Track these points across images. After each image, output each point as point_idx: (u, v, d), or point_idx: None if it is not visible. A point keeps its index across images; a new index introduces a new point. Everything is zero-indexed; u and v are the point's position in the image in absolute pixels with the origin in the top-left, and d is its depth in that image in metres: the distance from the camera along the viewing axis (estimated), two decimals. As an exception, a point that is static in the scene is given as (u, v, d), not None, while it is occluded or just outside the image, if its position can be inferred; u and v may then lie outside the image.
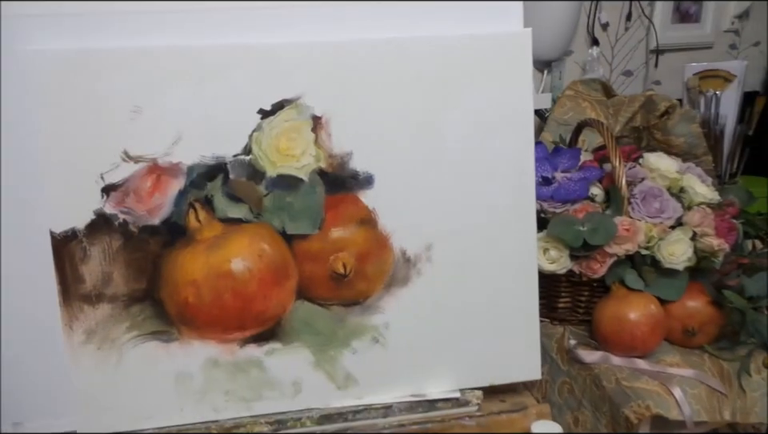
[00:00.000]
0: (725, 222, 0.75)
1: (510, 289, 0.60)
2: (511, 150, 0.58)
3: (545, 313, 0.82)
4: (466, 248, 0.58)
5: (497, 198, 0.58)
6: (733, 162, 1.01)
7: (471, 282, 0.59)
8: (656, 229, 0.74)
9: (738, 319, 0.72)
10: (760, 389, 0.74)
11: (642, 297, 0.73)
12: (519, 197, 0.58)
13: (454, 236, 0.58)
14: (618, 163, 0.74)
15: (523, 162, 0.58)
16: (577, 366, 0.76)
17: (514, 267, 0.59)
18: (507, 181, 0.58)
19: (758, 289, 0.72)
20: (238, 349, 0.57)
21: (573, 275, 0.75)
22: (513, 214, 0.59)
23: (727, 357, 0.74)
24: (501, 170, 0.58)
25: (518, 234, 0.59)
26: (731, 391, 0.73)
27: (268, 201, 0.56)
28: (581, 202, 0.75)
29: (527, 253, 0.60)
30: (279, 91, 0.55)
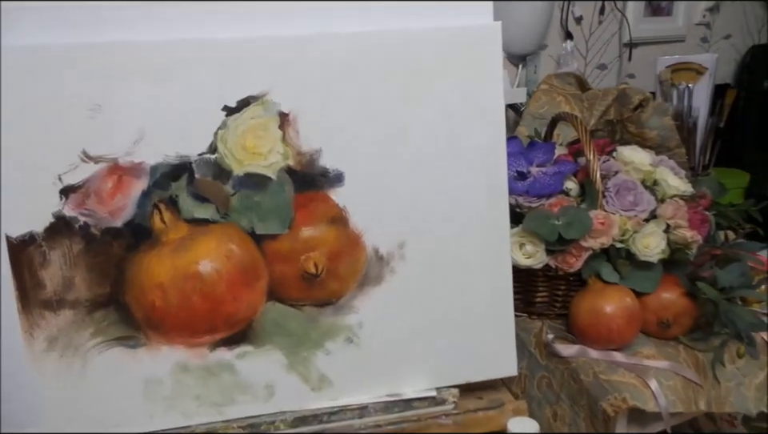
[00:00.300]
0: (697, 214, 0.76)
1: (484, 285, 0.59)
2: (483, 145, 0.57)
3: (522, 308, 0.83)
4: (439, 245, 0.58)
5: (469, 194, 0.57)
6: (705, 154, 1.01)
7: (445, 279, 0.58)
8: (630, 222, 0.74)
9: (712, 310, 0.72)
10: (734, 379, 0.74)
11: (618, 290, 0.74)
12: (491, 192, 0.58)
13: (426, 233, 0.57)
14: (593, 157, 0.74)
15: (495, 157, 0.57)
16: (555, 360, 0.77)
17: (487, 262, 0.59)
18: (479, 176, 0.57)
19: (730, 280, 0.72)
20: (208, 353, 0.55)
21: (549, 269, 0.75)
22: (485, 210, 0.58)
23: (702, 348, 0.75)
24: (472, 166, 0.57)
25: (491, 229, 0.58)
26: (706, 382, 0.73)
27: (235, 200, 0.54)
28: (556, 197, 0.75)
29: (501, 248, 0.59)
30: (244, 88, 0.53)
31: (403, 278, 0.57)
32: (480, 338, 0.60)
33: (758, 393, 0.75)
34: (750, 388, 0.75)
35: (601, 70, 1.17)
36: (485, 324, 0.60)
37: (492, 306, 0.60)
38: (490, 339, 0.60)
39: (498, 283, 0.59)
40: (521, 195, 0.76)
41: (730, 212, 0.81)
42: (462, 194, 0.57)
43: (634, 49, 1.17)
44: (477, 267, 0.59)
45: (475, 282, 0.59)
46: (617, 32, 1.17)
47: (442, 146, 0.56)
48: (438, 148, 0.56)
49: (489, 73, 0.57)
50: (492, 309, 0.60)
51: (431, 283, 0.58)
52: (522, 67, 1.07)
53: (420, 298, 0.58)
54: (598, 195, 0.74)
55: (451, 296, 0.58)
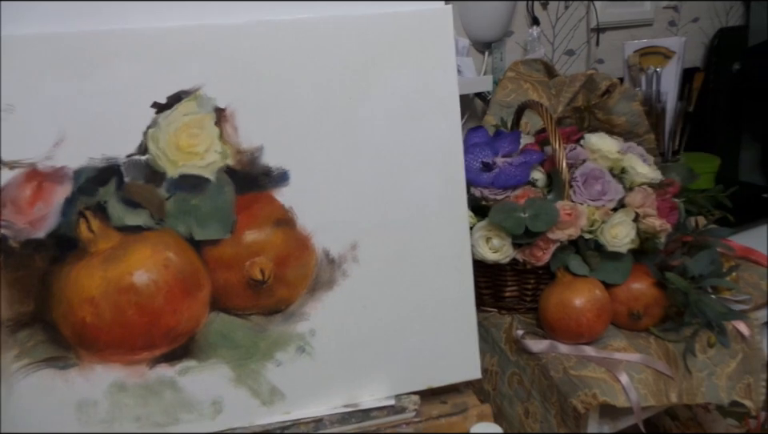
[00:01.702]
0: (666, 201, 0.73)
1: (444, 285, 0.55)
2: (438, 137, 0.53)
3: (492, 303, 0.80)
4: (394, 245, 0.54)
5: (424, 189, 0.53)
6: (675, 139, 0.99)
7: (402, 280, 0.54)
8: (598, 212, 0.71)
9: (682, 299, 0.70)
10: (706, 369, 0.72)
11: (587, 282, 0.71)
12: (448, 186, 0.54)
13: (380, 232, 0.53)
14: (558, 146, 0.71)
15: (451, 149, 0.54)
16: (525, 356, 0.74)
17: (447, 261, 0.55)
18: (435, 170, 0.53)
19: (700, 268, 0.70)
20: (147, 370, 0.51)
21: (517, 263, 0.72)
22: (443, 205, 0.54)
23: (672, 338, 0.72)
24: (427, 159, 0.53)
25: (449, 226, 0.55)
26: (677, 373, 0.71)
27: (171, 205, 0.49)
28: (522, 188, 0.72)
29: (460, 245, 0.55)
30: (175, 82, 0.48)
31: (357, 281, 0.53)
32: (441, 341, 0.56)
33: (729, 382, 0.73)
34: (721, 378, 0.73)
35: (569, 55, 1.13)
36: (446, 326, 0.56)
37: (453, 307, 0.56)
38: (451, 341, 0.56)
39: (459, 282, 0.56)
40: (486, 187, 0.72)
41: (699, 199, 0.78)
42: (418, 190, 0.54)
43: (602, 34, 1.14)
44: (436, 267, 0.55)
45: (434, 282, 0.55)
46: (584, 17, 1.13)
47: (394, 139, 0.52)
48: (390, 141, 0.52)
49: (442, 59, 0.53)
50: (453, 310, 0.56)
51: (387, 285, 0.54)
52: (488, 54, 1.03)
53: (376, 301, 0.54)
54: (565, 185, 0.70)
55: (409, 298, 0.55)
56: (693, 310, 0.69)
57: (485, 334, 0.80)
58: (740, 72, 1.17)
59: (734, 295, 0.77)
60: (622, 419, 0.72)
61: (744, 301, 0.78)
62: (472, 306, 0.56)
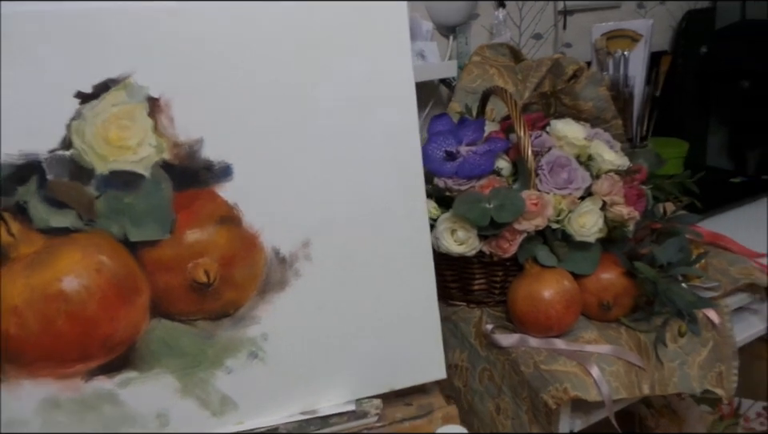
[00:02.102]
0: (633, 189, 0.72)
1: (403, 282, 0.53)
2: (393, 126, 0.51)
3: (461, 297, 0.79)
4: (349, 241, 0.51)
5: (380, 182, 0.51)
6: (642, 124, 0.98)
7: (359, 278, 0.52)
8: (565, 201, 0.70)
9: (651, 289, 0.69)
10: (677, 358, 0.72)
11: (556, 273, 0.70)
12: (405, 178, 0.52)
13: (334, 228, 0.51)
14: (523, 133, 0.70)
15: (407, 139, 0.51)
16: (495, 351, 0.73)
17: (406, 257, 0.53)
18: (391, 162, 0.51)
19: (668, 256, 0.69)
20: (82, 384, 0.47)
21: (484, 255, 0.71)
22: (399, 199, 0.52)
23: (643, 328, 0.72)
24: (383, 150, 0.51)
25: (407, 220, 0.53)
26: (649, 364, 0.71)
27: (101, 204, 0.46)
28: (487, 178, 0.71)
29: (419, 240, 0.53)
30: (101, 69, 0.45)
31: (310, 280, 0.51)
32: (403, 340, 0.54)
33: (701, 371, 0.73)
34: (692, 367, 0.73)
35: (536, 39, 1.12)
36: (407, 325, 0.54)
37: (414, 304, 0.54)
38: (413, 340, 0.54)
39: (420, 278, 0.54)
40: (450, 177, 0.71)
41: (666, 185, 0.78)
42: (373, 183, 0.51)
43: (570, 16, 1.13)
44: (394, 263, 0.53)
45: (394, 279, 0.53)
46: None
47: (347, 130, 0.50)
48: (342, 131, 0.50)
49: (395, 45, 0.50)
50: (414, 308, 0.54)
51: (343, 284, 0.52)
52: (452, 39, 1.01)
53: (332, 301, 0.52)
54: (531, 174, 0.69)
55: (367, 297, 0.53)
56: (662, 299, 0.69)
57: (454, 329, 0.79)
58: (707, 55, 1.17)
59: (703, 283, 0.77)
60: (594, 412, 0.72)
61: (713, 288, 0.78)
62: (434, 302, 0.55)
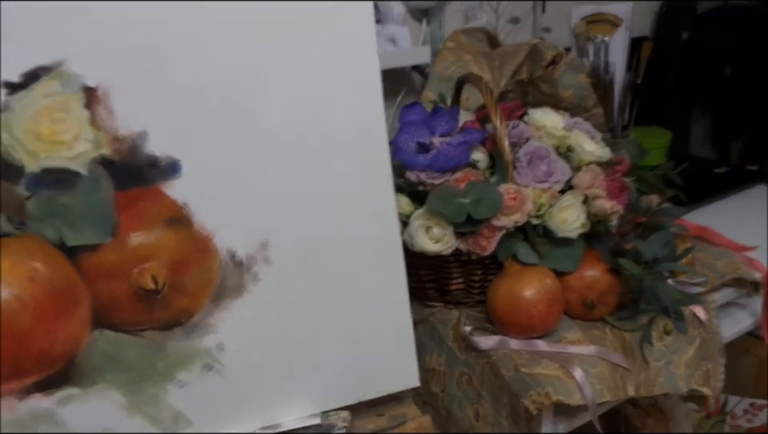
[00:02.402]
0: (616, 181, 0.70)
1: (372, 284, 0.51)
2: (357, 116, 0.48)
3: (438, 297, 0.77)
4: (312, 241, 0.49)
5: (344, 177, 0.48)
6: (624, 113, 0.97)
7: (323, 282, 0.49)
8: (545, 195, 0.68)
9: (636, 286, 0.67)
10: (663, 358, 0.71)
11: (537, 272, 0.68)
12: (371, 172, 0.49)
13: (295, 228, 0.48)
14: (499, 123, 0.67)
15: (373, 130, 0.49)
16: (474, 354, 0.71)
17: (374, 257, 0.50)
18: (354, 154, 0.48)
19: (653, 252, 0.67)
20: (16, 403, 0.43)
21: (461, 253, 0.69)
22: (365, 195, 0.49)
23: (629, 327, 0.70)
24: (345, 141, 0.48)
25: (374, 217, 0.50)
26: (634, 364, 0.69)
27: (33, 205, 0.42)
28: (462, 170, 0.68)
29: (388, 239, 0.51)
30: (30, 56, 0.41)
31: (270, 285, 0.48)
32: (372, 347, 0.52)
33: (687, 370, 0.72)
34: (679, 366, 0.71)
35: (513, 24, 1.09)
36: (377, 331, 0.52)
37: (384, 308, 0.52)
38: (384, 347, 0.52)
39: (390, 280, 0.52)
40: (423, 171, 0.68)
41: (650, 177, 0.76)
42: (336, 178, 0.48)
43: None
44: (361, 264, 0.50)
45: (361, 281, 0.51)
46: (530, -20, 1.09)
47: (306, 120, 0.47)
48: (301, 122, 0.47)
49: (357, 28, 0.47)
50: (384, 312, 0.52)
51: (306, 288, 0.49)
52: (425, 23, 0.97)
53: (294, 307, 0.49)
54: (508, 167, 0.67)
55: (333, 302, 0.50)
56: (648, 297, 0.67)
57: (431, 331, 0.77)
58: (689, 41, 1.16)
59: (690, 278, 0.75)
60: (578, 416, 0.70)
61: (700, 283, 0.76)
62: (405, 306, 0.52)
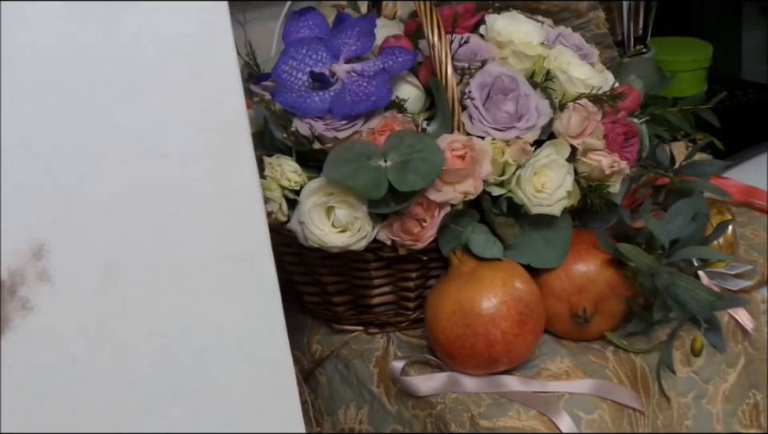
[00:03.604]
0: (619, 124, 0.72)
1: (221, 305, 0.51)
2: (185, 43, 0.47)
3: (352, 317, 0.79)
4: (119, 243, 0.47)
5: (168, 136, 0.47)
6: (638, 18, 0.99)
7: (139, 305, 0.48)
8: (511, 149, 0.69)
9: (649, 285, 0.70)
10: (692, 390, 0.74)
11: (500, 270, 0.70)
12: (215, 127, 0.48)
13: (89, 221, 0.47)
14: (439, 38, 0.68)
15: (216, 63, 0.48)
16: (411, 402, 0.74)
17: (225, 262, 0.51)
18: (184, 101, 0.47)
19: (672, 231, 0.70)
20: None
21: (384, 247, 0.70)
22: (207, 164, 0.49)
23: (641, 348, 0.73)
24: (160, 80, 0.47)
25: (222, 199, 0.50)
26: (649, 402, 0.72)
27: None
28: (381, 115, 0.70)
29: (247, 231, 0.51)
30: None
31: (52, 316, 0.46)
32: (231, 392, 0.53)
33: (728, 405, 0.75)
34: (715, 401, 0.75)
35: None
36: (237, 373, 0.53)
37: (250, 336, 0.53)
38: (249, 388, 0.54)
39: (253, 294, 0.53)
40: (319, 118, 0.70)
41: (671, 116, 0.78)
42: (154, 138, 0.47)
43: None
44: (208, 272, 0.50)
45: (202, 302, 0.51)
46: None
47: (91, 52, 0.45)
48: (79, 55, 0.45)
49: None
50: (248, 346, 0.53)
51: (112, 316, 0.48)
52: None
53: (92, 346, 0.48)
54: (454, 107, 0.69)
55: (156, 336, 0.50)
56: (665, 300, 0.69)
57: (344, 370, 0.79)
58: None
59: (729, 268, 0.78)
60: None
61: (746, 274, 0.80)
62: (281, 332, 0.53)
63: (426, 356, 0.74)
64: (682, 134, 0.81)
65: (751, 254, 0.84)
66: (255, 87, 0.76)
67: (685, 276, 0.68)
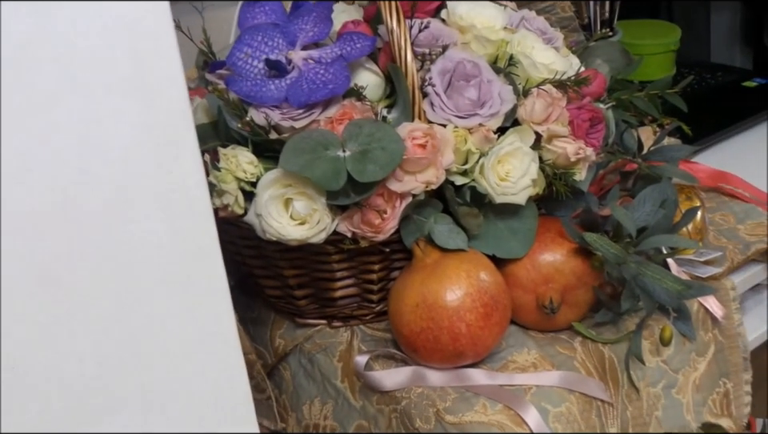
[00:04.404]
0: (584, 110, 0.71)
1: (173, 299, 0.50)
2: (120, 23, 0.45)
3: (315, 311, 0.79)
4: (59, 241, 0.46)
5: (106, 125, 0.46)
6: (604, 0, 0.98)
7: (86, 305, 0.47)
8: (474, 137, 0.69)
9: (616, 274, 0.69)
10: (661, 379, 0.73)
11: (464, 262, 0.70)
12: (159, 129, 0.47)
13: (27, 222, 0.45)
14: (398, 23, 0.67)
15: (157, 46, 0.46)
16: (375, 397, 0.73)
17: (173, 259, 0.49)
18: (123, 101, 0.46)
19: (639, 219, 0.69)
20: None
21: (344, 239, 0.69)
22: (149, 155, 0.47)
23: (609, 338, 0.73)
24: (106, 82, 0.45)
25: (170, 197, 0.48)
26: (618, 394, 0.72)
27: None
28: (339, 104, 0.69)
29: (197, 231, 0.49)
30: None
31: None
32: (179, 400, 0.52)
33: (698, 395, 0.75)
34: (685, 390, 0.74)
35: None
36: (187, 375, 0.52)
37: (196, 341, 0.52)
38: (196, 398, 0.53)
39: (201, 293, 0.51)
40: (276, 107, 0.68)
41: (637, 101, 0.77)
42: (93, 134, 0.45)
43: None
44: (149, 272, 0.49)
45: (151, 301, 0.50)
46: None
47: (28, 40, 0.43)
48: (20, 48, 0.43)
49: None
50: (197, 346, 0.52)
51: (56, 318, 0.47)
52: None
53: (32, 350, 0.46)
54: (414, 94, 0.68)
55: (105, 336, 0.49)
56: (633, 289, 0.69)
57: (308, 366, 0.79)
58: None
59: (698, 255, 0.78)
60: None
61: (715, 261, 0.80)
62: (231, 332, 0.52)
63: (390, 350, 0.73)
64: (650, 119, 0.80)
65: (720, 240, 0.83)
66: (210, 76, 0.74)
67: (652, 265, 0.67)
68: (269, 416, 0.80)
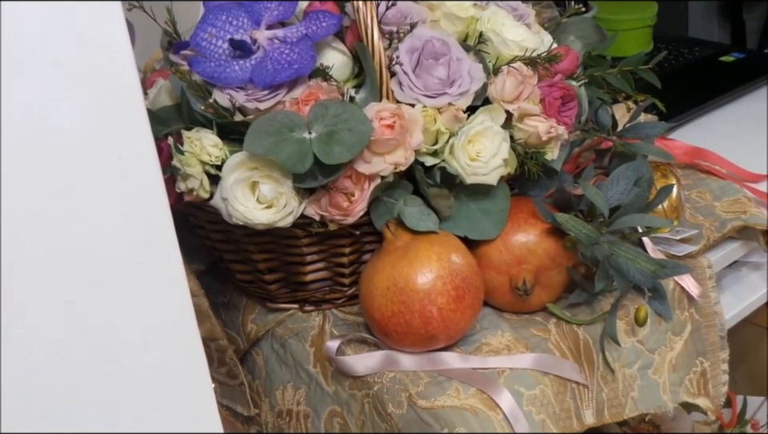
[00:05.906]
0: (556, 88, 0.70)
1: (128, 289, 0.49)
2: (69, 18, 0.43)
3: (287, 295, 0.78)
4: (8, 231, 0.44)
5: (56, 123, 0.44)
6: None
7: (38, 296, 0.46)
8: (444, 116, 0.68)
9: (589, 254, 0.68)
10: (637, 360, 0.73)
11: (435, 244, 0.69)
12: (109, 113, 0.45)
13: None
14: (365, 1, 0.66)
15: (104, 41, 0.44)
16: (348, 382, 0.73)
17: (127, 247, 0.48)
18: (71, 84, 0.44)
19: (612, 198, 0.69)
20: None
21: (312, 223, 0.69)
22: (102, 150, 0.46)
23: (584, 319, 0.72)
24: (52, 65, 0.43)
25: (122, 183, 0.47)
26: (593, 375, 0.71)
27: None
28: (305, 84, 0.68)
29: (152, 219, 0.48)
30: None
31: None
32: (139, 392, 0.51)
33: (674, 375, 0.74)
34: (661, 370, 0.74)
35: None
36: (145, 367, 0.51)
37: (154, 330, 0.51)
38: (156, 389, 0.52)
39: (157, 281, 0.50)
40: (241, 88, 0.67)
41: (610, 77, 0.76)
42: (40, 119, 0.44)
43: None
44: (103, 261, 0.48)
45: (105, 292, 0.48)
46: None
47: None
48: None
49: None
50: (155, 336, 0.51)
51: (3, 310, 0.45)
52: None
53: None
54: (381, 73, 0.67)
55: (59, 329, 0.47)
56: (606, 270, 0.68)
57: (280, 351, 0.78)
58: None
59: (673, 233, 0.77)
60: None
61: (691, 239, 0.79)
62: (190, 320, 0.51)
63: (362, 334, 0.72)
64: (623, 96, 0.79)
65: (697, 217, 0.83)
66: (174, 57, 0.72)
67: (626, 245, 0.66)
68: (242, 402, 0.80)
